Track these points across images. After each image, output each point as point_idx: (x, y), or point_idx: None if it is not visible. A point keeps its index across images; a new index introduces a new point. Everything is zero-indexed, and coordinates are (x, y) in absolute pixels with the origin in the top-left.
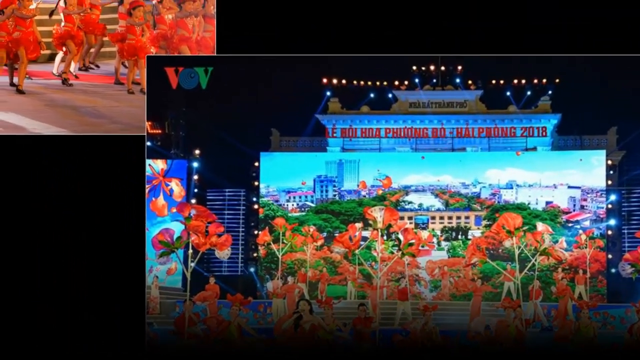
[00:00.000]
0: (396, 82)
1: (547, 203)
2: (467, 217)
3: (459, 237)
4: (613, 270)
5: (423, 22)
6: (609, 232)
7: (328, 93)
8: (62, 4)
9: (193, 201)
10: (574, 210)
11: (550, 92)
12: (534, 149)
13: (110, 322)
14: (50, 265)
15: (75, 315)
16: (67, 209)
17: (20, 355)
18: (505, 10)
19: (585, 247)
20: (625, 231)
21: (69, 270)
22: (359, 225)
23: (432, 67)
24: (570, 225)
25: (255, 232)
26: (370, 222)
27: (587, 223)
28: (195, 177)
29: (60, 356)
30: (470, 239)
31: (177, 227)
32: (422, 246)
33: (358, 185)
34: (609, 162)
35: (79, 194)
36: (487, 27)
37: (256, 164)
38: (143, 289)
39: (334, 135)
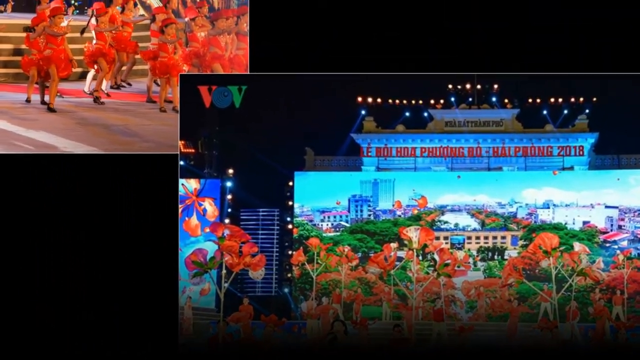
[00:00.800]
0: (432, 101)
1: (584, 223)
2: (503, 237)
3: (495, 257)
4: None
5: (459, 42)
6: None
7: (363, 112)
8: (93, 21)
9: (226, 221)
10: (611, 230)
11: (587, 110)
12: (571, 168)
13: (144, 343)
14: (83, 284)
15: (109, 335)
16: (99, 229)
17: None
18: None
19: (623, 268)
20: None
21: (102, 291)
22: (394, 245)
23: (468, 86)
24: (607, 245)
25: (290, 252)
26: (406, 242)
27: (624, 243)
28: (229, 196)
29: None
30: (506, 259)
31: (210, 248)
32: (458, 266)
33: (393, 205)
34: None
35: (111, 213)
36: (532, 46)
37: (290, 183)
38: (176, 310)
39: (369, 154)
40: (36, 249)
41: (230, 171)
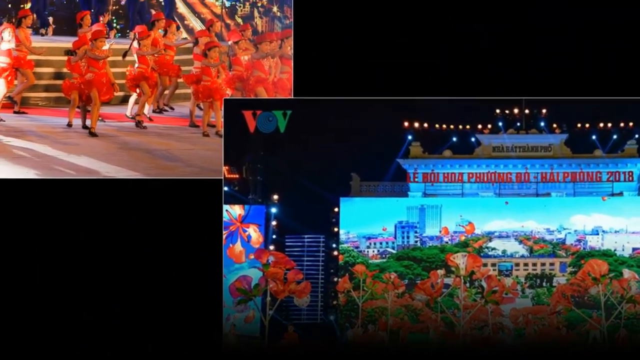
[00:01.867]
0: (479, 126)
1: (634, 249)
2: (551, 264)
3: (544, 284)
4: None
5: (505, 64)
6: None
7: (409, 137)
8: (135, 44)
9: (271, 247)
10: None
11: (637, 135)
12: (620, 194)
13: None
14: (126, 311)
15: None
16: (142, 255)
17: None
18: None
19: None
20: None
21: (145, 319)
22: (441, 272)
23: (516, 110)
24: None
25: (335, 279)
26: (453, 269)
27: None
28: (274, 223)
29: None
30: (555, 287)
31: (255, 274)
32: (506, 293)
33: (440, 231)
34: None
35: (153, 239)
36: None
37: (336, 209)
38: (220, 337)
39: (416, 180)
40: (79, 274)
41: (275, 197)
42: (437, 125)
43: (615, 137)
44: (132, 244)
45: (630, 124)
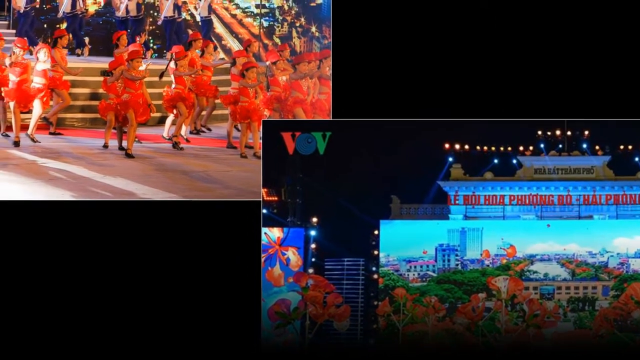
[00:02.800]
0: (521, 148)
1: None
2: (594, 288)
3: (586, 308)
4: None
5: (547, 85)
6: None
7: (450, 159)
8: (172, 65)
9: (310, 271)
10: None
11: None
12: None
13: None
14: (162, 335)
15: None
16: (178, 277)
17: None
18: None
19: None
20: None
21: (182, 341)
22: (482, 295)
23: (558, 132)
24: None
25: (375, 302)
26: (494, 292)
27: None
28: (313, 245)
29: None
30: (597, 310)
31: (294, 298)
32: (548, 317)
33: (481, 254)
34: None
35: (191, 262)
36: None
37: (376, 232)
38: None
39: (457, 202)
40: (116, 296)
41: (315, 220)
42: (478, 147)
43: None
44: (169, 266)
45: None
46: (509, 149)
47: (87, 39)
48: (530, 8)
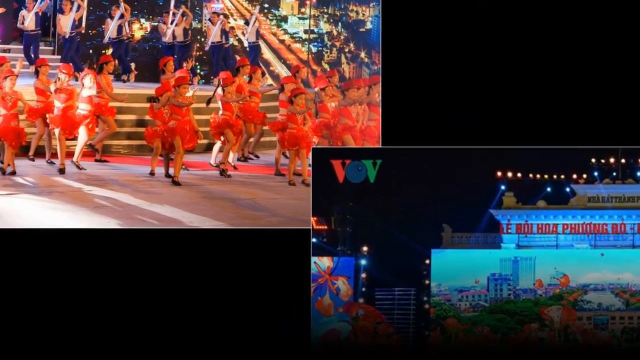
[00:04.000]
0: (574, 176)
1: None
2: None
3: None
4: None
5: (600, 112)
6: None
7: (502, 187)
8: (219, 91)
9: (361, 301)
10: None
11: None
12: None
13: None
14: None
15: None
16: (226, 307)
17: None
18: None
19: None
20: None
21: None
22: (535, 325)
23: (612, 160)
24: None
25: (426, 333)
26: (547, 322)
27: None
28: (363, 275)
29: None
30: None
31: (344, 328)
32: (602, 348)
33: (534, 284)
34: None
35: (238, 291)
36: None
37: (427, 261)
38: None
39: (509, 231)
40: (163, 324)
41: (365, 249)
42: (530, 175)
43: None
44: (217, 295)
45: None
46: (562, 176)
47: (133, 65)
48: (585, 35)
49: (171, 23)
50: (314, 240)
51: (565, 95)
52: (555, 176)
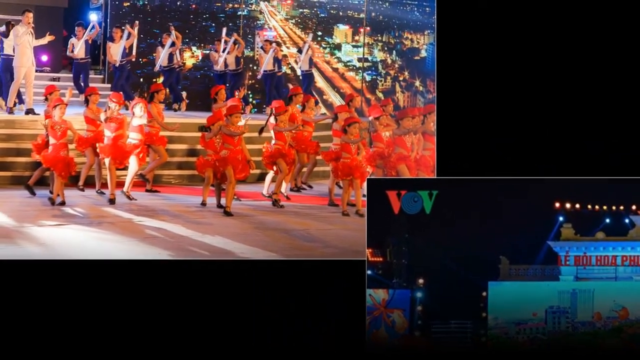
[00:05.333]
0: (633, 207)
1: None
2: None
3: None
4: None
5: None
6: None
7: (561, 218)
8: (272, 120)
9: (416, 334)
10: None
11: None
12: None
13: None
14: None
15: None
16: (278, 338)
17: None
18: None
19: None
20: None
21: None
22: None
23: None
24: None
25: None
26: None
27: None
28: (419, 307)
29: None
30: None
31: None
32: None
33: (593, 317)
34: None
35: (291, 323)
36: None
37: (484, 293)
38: None
39: (567, 263)
40: (216, 357)
41: (421, 281)
42: (589, 206)
43: None
44: (269, 327)
45: None
46: (621, 208)
47: (184, 94)
48: None
49: (223, 51)
50: (369, 272)
51: (624, 126)
52: (614, 207)
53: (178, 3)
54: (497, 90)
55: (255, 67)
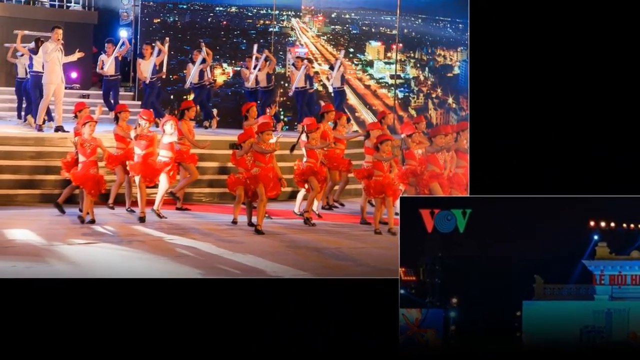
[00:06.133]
0: None
1: None
2: None
3: None
4: None
5: None
6: None
7: (595, 237)
8: (304, 138)
9: (450, 353)
10: None
11: None
12: None
13: None
14: None
15: None
16: (309, 358)
17: None
18: None
19: None
20: None
21: None
22: None
23: None
24: None
25: None
26: None
27: None
28: (452, 327)
29: None
30: None
31: None
32: None
33: (628, 336)
34: None
35: (322, 342)
36: None
37: (518, 313)
38: None
39: (602, 282)
40: None
41: (454, 300)
42: (624, 225)
43: None
44: (301, 346)
45: None
46: None
47: (215, 111)
48: None
49: (254, 68)
50: (402, 291)
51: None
52: None
53: (209, 19)
54: (530, 108)
55: (286, 84)
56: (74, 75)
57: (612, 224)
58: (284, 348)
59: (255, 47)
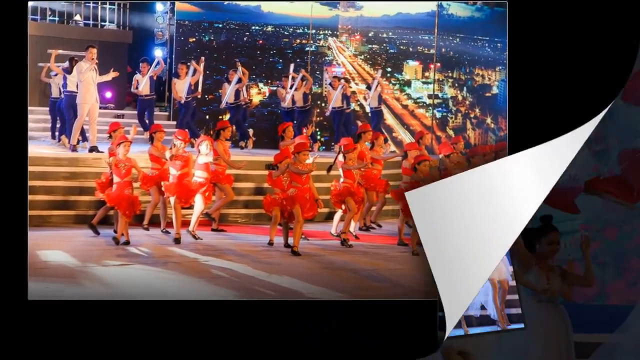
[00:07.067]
0: None
1: None
2: None
3: None
4: None
5: None
6: None
7: None
8: (340, 158)
9: None
10: None
11: None
12: None
13: None
14: None
15: None
16: None
17: None
18: None
19: None
20: None
21: None
22: None
23: None
24: None
25: None
26: None
27: None
28: None
29: None
30: None
31: None
32: None
33: None
34: None
35: None
36: None
37: None
38: None
39: None
40: None
41: None
42: None
43: None
44: None
45: None
46: None
47: (251, 131)
48: None
49: (290, 87)
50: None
51: None
52: None
53: (245, 39)
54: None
55: (323, 104)
56: (108, 95)
57: None
58: None
59: (292, 66)
